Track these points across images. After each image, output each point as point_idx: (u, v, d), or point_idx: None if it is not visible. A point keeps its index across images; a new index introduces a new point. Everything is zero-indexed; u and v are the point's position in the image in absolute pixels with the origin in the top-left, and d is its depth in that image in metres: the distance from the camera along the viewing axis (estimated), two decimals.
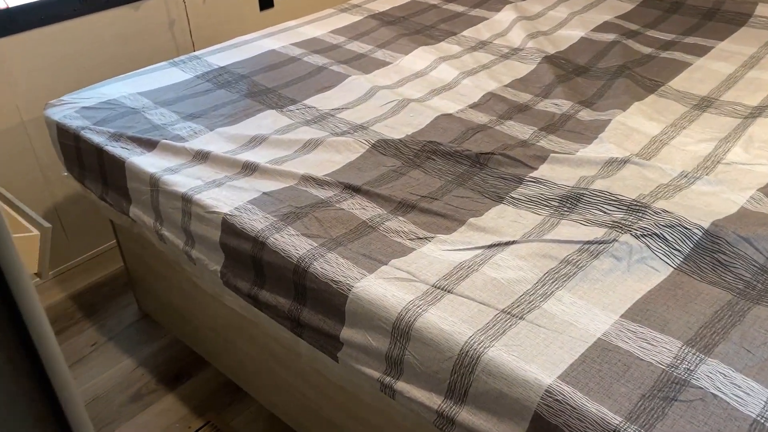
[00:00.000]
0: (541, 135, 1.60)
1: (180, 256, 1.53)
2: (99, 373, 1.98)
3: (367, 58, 2.08)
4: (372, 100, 1.80)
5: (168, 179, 1.48)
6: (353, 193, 1.39)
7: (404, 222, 1.30)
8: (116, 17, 2.23)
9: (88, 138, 1.67)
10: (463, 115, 1.71)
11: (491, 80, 1.89)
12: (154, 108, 1.78)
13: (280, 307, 1.27)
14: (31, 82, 2.08)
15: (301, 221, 1.31)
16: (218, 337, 1.83)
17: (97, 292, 2.31)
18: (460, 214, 1.32)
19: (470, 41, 2.17)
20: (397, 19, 2.37)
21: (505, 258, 1.17)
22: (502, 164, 1.47)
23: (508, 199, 1.36)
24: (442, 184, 1.43)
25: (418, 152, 1.53)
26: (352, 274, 1.16)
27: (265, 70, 2.00)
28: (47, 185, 2.23)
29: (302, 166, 1.50)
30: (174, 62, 2.06)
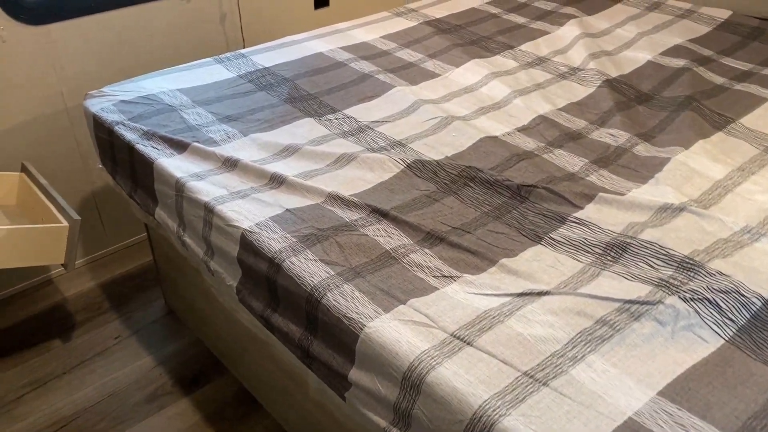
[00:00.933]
0: (591, 168, 1.48)
1: (200, 266, 1.48)
2: (119, 368, 1.96)
3: (415, 68, 1.98)
4: (414, 115, 1.71)
5: (193, 186, 1.42)
6: (380, 218, 1.31)
7: (430, 256, 1.21)
8: (168, 8, 2.20)
9: (121, 134, 1.63)
10: (509, 139, 1.60)
11: (544, 102, 1.77)
12: (192, 107, 1.74)
13: (291, 335, 1.20)
14: (77, 68, 2.07)
15: (321, 245, 1.23)
16: (237, 345, 1.78)
17: (127, 284, 2.29)
18: (492, 253, 1.22)
19: (527, 56, 2.05)
20: (452, 27, 2.27)
21: (536, 311, 1.06)
22: (544, 199, 1.36)
23: (547, 240, 1.25)
24: (477, 215, 1.33)
25: (456, 177, 1.44)
26: (366, 312, 1.08)
27: (309, 74, 1.93)
28: (87, 172, 2.23)
29: (331, 183, 1.42)
30: (219, 59, 2.01)
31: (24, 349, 2.02)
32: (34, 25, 1.93)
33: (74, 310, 2.17)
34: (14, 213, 1.94)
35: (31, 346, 2.02)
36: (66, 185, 2.19)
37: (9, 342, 2.04)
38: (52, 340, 2.05)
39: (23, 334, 2.07)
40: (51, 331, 2.09)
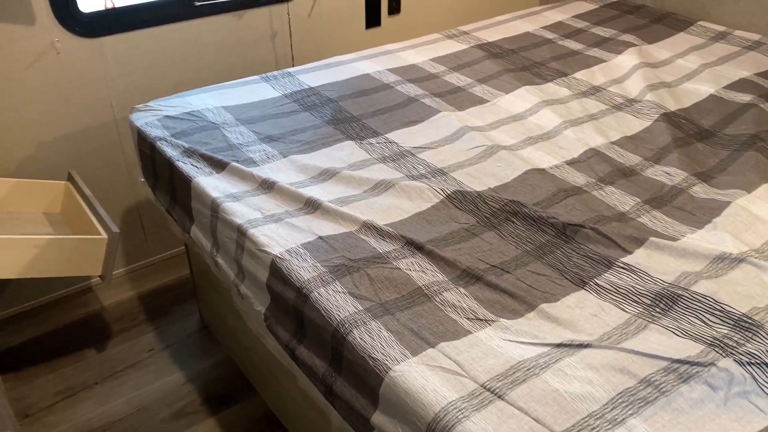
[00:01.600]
0: (643, 209, 1.39)
1: (231, 288, 1.45)
2: (149, 382, 1.95)
3: (463, 92, 1.93)
4: (459, 142, 1.66)
5: (228, 207, 1.40)
6: (414, 251, 1.25)
7: (465, 296, 1.15)
8: (219, 24, 2.22)
9: (163, 150, 1.63)
10: (557, 173, 1.53)
11: (597, 134, 1.69)
12: (235, 125, 1.73)
13: (315, 370, 1.16)
14: (127, 81, 2.10)
15: (351, 277, 1.18)
16: (266, 369, 1.75)
17: (165, 296, 2.30)
18: (531, 296, 1.15)
19: (581, 85, 1.97)
20: (505, 51, 2.21)
21: (574, 365, 0.99)
22: (591, 240, 1.28)
23: (592, 286, 1.17)
24: (517, 254, 1.26)
25: (497, 211, 1.37)
26: (393, 353, 1.02)
27: (354, 95, 1.90)
28: (132, 183, 2.25)
29: (367, 211, 1.38)
30: (266, 77, 2.01)
31: (59, 356, 2.03)
32: (87, 37, 1.97)
33: (111, 319, 2.18)
34: (57, 221, 1.97)
35: (66, 354, 2.04)
36: (111, 195, 2.21)
37: (46, 348, 2.06)
38: (88, 349, 2.06)
39: (60, 341, 2.09)
40: (87, 339, 2.10)
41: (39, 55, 1.91)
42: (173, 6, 2.10)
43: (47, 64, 1.93)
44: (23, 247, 1.67)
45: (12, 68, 1.88)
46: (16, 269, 1.68)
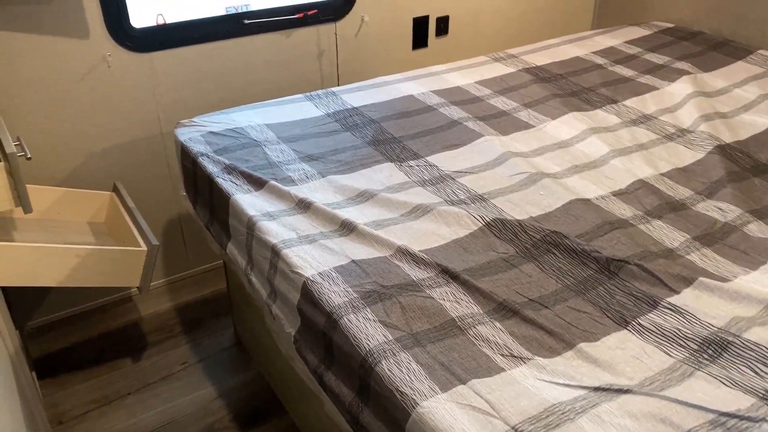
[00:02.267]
0: (693, 246, 1.32)
1: (263, 307, 1.44)
2: (181, 396, 1.95)
3: (508, 117, 1.89)
4: (501, 168, 1.62)
5: (263, 226, 1.39)
6: (449, 280, 1.22)
7: (500, 330, 1.10)
8: (267, 42, 2.24)
9: (204, 165, 1.64)
10: (602, 204, 1.47)
11: (646, 165, 1.63)
12: (276, 143, 1.73)
13: (342, 398, 1.13)
14: (175, 96, 2.13)
15: (382, 304, 1.16)
16: (296, 389, 1.73)
17: (202, 309, 2.31)
18: (570, 334, 1.10)
19: (631, 113, 1.91)
20: (553, 76, 2.16)
21: (612, 411, 0.93)
22: (636, 277, 1.22)
23: (635, 326, 1.11)
24: (557, 288, 1.21)
25: (538, 242, 1.32)
26: (421, 388, 0.98)
27: (396, 116, 1.88)
28: (175, 196, 2.27)
29: (403, 235, 1.35)
30: (309, 96, 2.01)
31: (96, 365, 2.06)
32: (138, 52, 2.01)
33: (147, 330, 2.20)
34: (101, 231, 2.00)
35: (102, 363, 2.06)
36: (155, 206, 2.24)
37: (83, 356, 2.09)
38: (123, 359, 2.08)
39: (97, 349, 2.12)
40: (123, 349, 2.12)
41: (91, 68, 1.96)
42: (223, 23, 2.14)
43: (98, 77, 1.98)
44: (65, 256, 1.70)
45: (65, 80, 1.93)
46: (58, 278, 1.71)
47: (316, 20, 2.28)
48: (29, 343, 2.12)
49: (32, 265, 1.65)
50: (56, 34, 1.86)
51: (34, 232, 1.89)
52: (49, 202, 1.95)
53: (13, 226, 1.87)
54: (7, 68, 1.83)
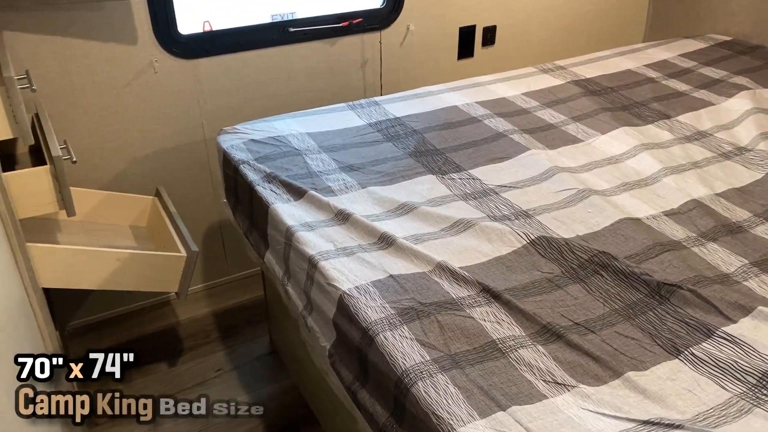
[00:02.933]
0: (751, 272, 1.25)
1: (298, 319, 1.41)
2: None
3: (556, 130, 1.84)
4: (547, 183, 1.56)
5: (301, 236, 1.37)
6: (490, 300, 1.17)
7: (543, 355, 1.05)
8: (312, 51, 2.23)
9: (245, 173, 1.63)
10: (654, 224, 1.41)
11: (700, 184, 1.56)
12: (317, 152, 1.71)
13: (376, 417, 1.09)
14: (219, 102, 2.14)
15: (420, 322, 1.12)
16: (329, 403, 1.70)
17: (238, 315, 2.31)
18: (617, 362, 1.04)
19: (685, 129, 1.83)
20: (603, 89, 2.10)
21: None
22: (689, 303, 1.15)
23: (687, 356, 1.05)
24: (604, 312, 1.15)
25: (585, 262, 1.27)
26: (458, 413, 0.94)
27: (439, 127, 1.84)
28: (216, 202, 2.28)
29: (443, 251, 1.31)
30: (351, 105, 1.99)
31: (132, 368, 2.07)
32: (184, 58, 2.02)
33: (184, 335, 2.21)
34: (142, 235, 2.01)
35: (139, 366, 2.07)
36: (196, 212, 2.25)
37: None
38: (159, 363, 2.09)
39: (135, 352, 2.12)
40: (159, 353, 2.13)
41: (138, 73, 1.98)
42: (268, 31, 2.14)
43: (145, 82, 2.00)
44: (106, 260, 1.71)
45: (113, 85, 1.95)
46: (98, 281, 1.72)
47: (361, 29, 2.27)
48: (69, 344, 2.14)
49: (74, 268, 1.66)
50: (106, 40, 1.89)
51: (76, 235, 1.91)
52: (93, 204, 1.98)
53: (57, 227, 1.89)
54: (60, 73, 1.87)
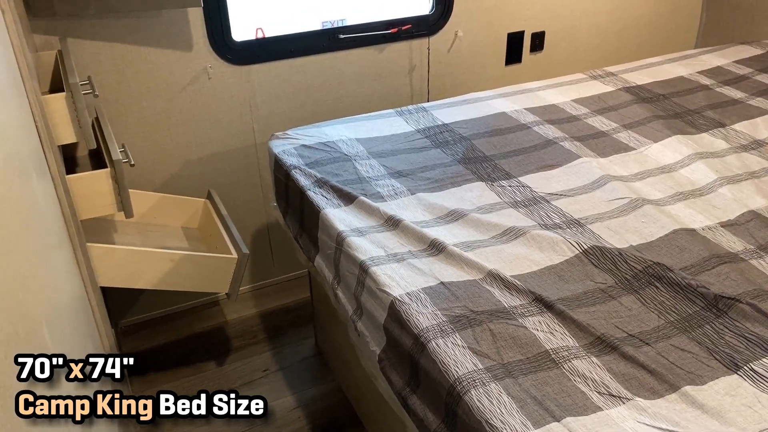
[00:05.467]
0: None
1: (348, 322, 1.43)
2: None
3: (607, 138, 1.82)
4: (599, 192, 1.55)
5: (352, 241, 1.39)
6: (543, 309, 1.17)
7: (597, 366, 1.05)
8: (361, 57, 2.26)
9: (296, 178, 1.66)
10: (710, 235, 1.38)
11: (758, 195, 1.52)
12: (366, 158, 1.73)
13: (427, 423, 1.10)
14: (270, 108, 2.18)
15: (472, 330, 1.12)
16: (375, 406, 1.71)
17: (284, 317, 2.34)
18: (674, 375, 1.03)
19: (741, 138, 1.79)
20: (655, 96, 2.06)
21: None
22: (748, 318, 1.13)
23: (747, 371, 1.03)
24: (659, 324, 1.14)
25: (639, 273, 1.25)
26: (512, 422, 0.94)
27: (488, 134, 1.84)
28: (265, 205, 2.32)
29: (494, 259, 1.31)
30: (400, 111, 2.00)
31: (182, 365, 2.12)
32: (237, 64, 2.07)
33: (232, 335, 2.25)
34: (194, 237, 2.06)
35: (188, 364, 2.12)
36: (245, 214, 2.30)
37: (171, 356, 2.16)
38: (208, 362, 2.14)
39: (184, 351, 2.19)
40: (208, 352, 2.18)
41: (192, 79, 2.03)
42: (319, 38, 2.17)
43: (199, 88, 2.05)
44: (160, 260, 1.76)
45: (169, 91, 2.01)
46: (153, 281, 1.77)
47: (410, 35, 2.29)
48: (122, 341, 2.21)
49: (131, 268, 1.72)
50: (163, 46, 1.95)
51: (131, 235, 1.97)
52: (147, 206, 2.03)
53: (113, 228, 1.96)
54: (118, 79, 1.93)
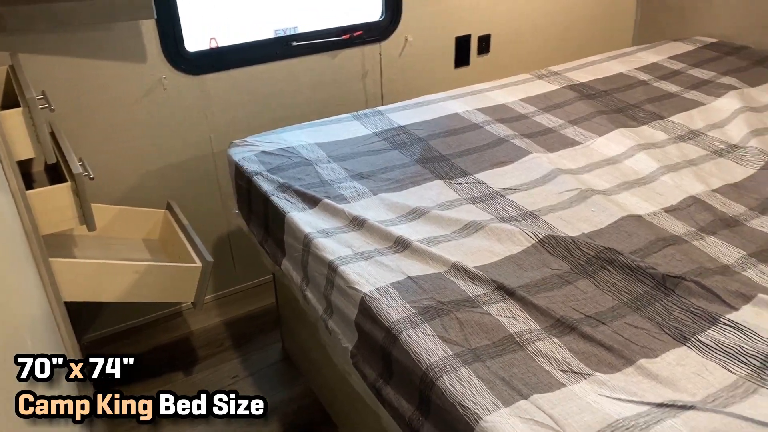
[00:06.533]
0: (749, 262, 1.32)
1: (318, 322, 1.47)
2: None
3: (554, 134, 1.91)
4: (550, 185, 1.63)
5: (319, 243, 1.43)
6: (505, 296, 1.24)
7: (558, 346, 1.12)
8: (314, 64, 2.30)
9: (259, 184, 1.69)
10: (655, 220, 1.48)
11: (697, 181, 1.63)
12: (327, 162, 1.77)
13: (402, 412, 1.15)
14: (226, 116, 2.20)
15: (440, 319, 1.18)
16: (347, 404, 1.75)
17: (250, 324, 2.36)
18: (629, 350, 1.11)
19: (679, 129, 1.91)
20: (597, 93, 2.17)
21: (678, 427, 0.94)
22: (693, 294, 1.22)
23: (694, 342, 1.12)
24: (614, 304, 1.22)
25: (592, 258, 1.33)
26: (483, 402, 1.00)
27: (444, 134, 1.91)
28: (225, 214, 2.33)
29: (457, 252, 1.37)
30: (357, 116, 2.05)
31: (150, 377, 2.11)
32: (192, 75, 2.08)
33: (198, 345, 2.26)
34: (155, 248, 2.06)
35: (156, 376, 2.12)
36: (205, 224, 2.30)
37: (137, 369, 2.15)
38: (176, 372, 2.14)
39: (150, 362, 2.18)
40: (175, 363, 2.18)
41: (147, 91, 2.04)
42: (272, 46, 2.20)
43: (154, 99, 2.06)
44: (124, 272, 1.76)
45: (124, 103, 2.01)
46: (117, 293, 1.77)
47: (362, 41, 2.34)
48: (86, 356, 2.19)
49: (95, 281, 1.71)
50: (116, 59, 1.95)
51: (93, 249, 1.96)
52: (107, 219, 2.02)
53: (73, 243, 1.94)
54: (73, 93, 1.92)
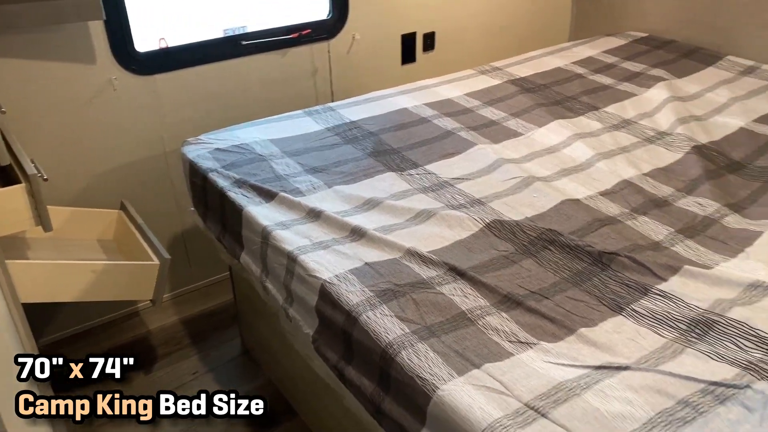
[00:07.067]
0: (677, 238, 1.44)
1: (279, 311, 1.52)
2: None
3: (498, 126, 2.01)
4: (495, 174, 1.73)
5: (278, 234, 1.48)
6: (456, 277, 1.32)
7: (506, 320, 1.21)
8: (264, 62, 2.33)
9: (214, 181, 1.73)
10: (591, 203, 1.59)
11: (629, 166, 1.75)
12: (281, 157, 1.82)
13: (364, 389, 1.22)
14: (177, 116, 2.22)
15: (397, 301, 1.25)
16: (309, 391, 1.81)
17: (207, 321, 2.38)
18: (570, 321, 1.20)
19: (612, 119, 2.03)
20: (537, 86, 2.29)
21: (614, 386, 1.04)
22: (626, 268, 1.33)
23: (629, 312, 1.22)
24: (555, 280, 1.32)
25: (535, 239, 1.43)
26: (440, 373, 1.08)
27: (394, 129, 1.98)
28: (179, 213, 2.35)
29: (410, 239, 1.45)
30: (308, 112, 2.11)
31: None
32: (142, 75, 2.09)
33: (156, 343, 2.27)
34: (110, 248, 2.07)
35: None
36: (159, 223, 2.31)
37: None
38: (135, 372, 2.15)
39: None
40: (134, 362, 2.18)
41: (97, 91, 2.04)
42: (222, 45, 2.23)
43: (105, 100, 2.06)
44: (82, 272, 1.77)
45: (74, 104, 2.01)
46: (75, 293, 1.78)
47: (310, 39, 2.39)
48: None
49: (53, 282, 1.72)
50: (65, 60, 1.95)
51: (47, 251, 1.96)
52: (60, 221, 2.02)
53: (26, 245, 1.93)
54: (20, 94, 1.91)
